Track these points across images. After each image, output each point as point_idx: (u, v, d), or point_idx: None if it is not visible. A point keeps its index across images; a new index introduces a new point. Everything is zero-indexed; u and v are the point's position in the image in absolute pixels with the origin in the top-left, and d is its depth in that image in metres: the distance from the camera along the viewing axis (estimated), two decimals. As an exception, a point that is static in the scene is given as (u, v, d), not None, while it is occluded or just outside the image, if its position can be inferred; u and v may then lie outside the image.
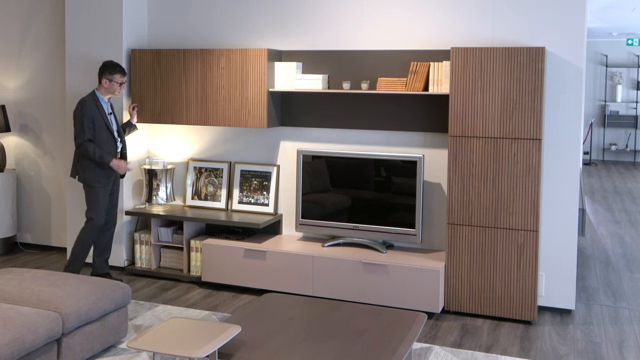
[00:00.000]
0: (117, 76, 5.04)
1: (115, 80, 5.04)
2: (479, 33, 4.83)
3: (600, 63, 14.82)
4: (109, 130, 5.02)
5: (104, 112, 5.02)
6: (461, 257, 4.69)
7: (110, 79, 5.02)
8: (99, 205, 5.03)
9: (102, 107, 5.02)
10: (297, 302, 3.98)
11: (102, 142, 4.99)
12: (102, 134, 4.99)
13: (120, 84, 5.07)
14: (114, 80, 5.04)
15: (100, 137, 4.98)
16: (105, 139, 5.01)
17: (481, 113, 4.58)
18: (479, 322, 4.64)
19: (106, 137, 5.01)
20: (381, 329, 3.52)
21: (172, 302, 4.98)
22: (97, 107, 4.98)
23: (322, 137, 5.34)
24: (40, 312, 3.52)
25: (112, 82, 5.03)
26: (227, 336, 3.18)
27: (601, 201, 9.77)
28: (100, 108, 5.00)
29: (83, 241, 5.05)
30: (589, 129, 14.33)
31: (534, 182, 4.50)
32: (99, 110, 4.98)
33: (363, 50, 5.13)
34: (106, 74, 5.03)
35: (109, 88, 5.05)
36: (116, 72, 5.04)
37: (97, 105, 4.99)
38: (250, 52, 5.18)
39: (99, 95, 5.04)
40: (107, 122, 5.01)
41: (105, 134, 5.01)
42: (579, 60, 4.64)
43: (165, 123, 5.52)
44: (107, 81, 5.02)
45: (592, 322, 4.70)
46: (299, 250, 5.04)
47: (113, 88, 5.06)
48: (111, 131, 5.04)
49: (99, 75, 5.05)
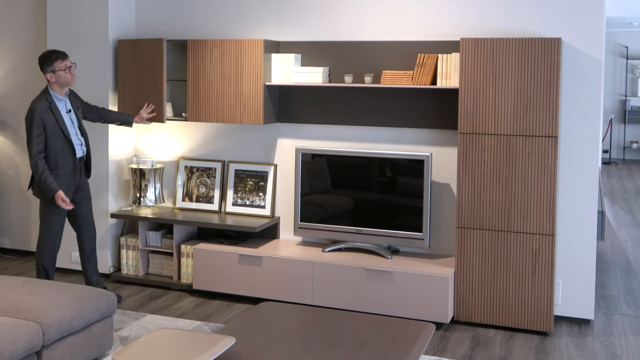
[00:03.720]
0: (57, 63, 4.66)
1: (58, 69, 4.66)
2: (491, 23, 4.83)
3: (620, 55, 14.82)
4: (64, 134, 4.69)
5: (59, 113, 4.69)
6: (472, 263, 4.68)
7: (53, 70, 4.66)
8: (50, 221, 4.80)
9: (57, 107, 4.69)
10: (295, 312, 3.97)
11: (56, 151, 4.67)
12: (55, 141, 4.66)
13: (66, 69, 4.68)
14: (57, 69, 4.66)
15: (55, 145, 4.66)
16: (60, 148, 4.68)
17: (493, 108, 4.57)
18: (491, 333, 4.64)
19: (61, 145, 4.68)
20: (386, 341, 3.52)
21: (160, 312, 4.97)
22: (51, 108, 4.65)
23: (323, 134, 5.34)
24: (19, 323, 3.51)
25: (56, 72, 4.68)
26: (220, 348, 3.17)
27: (622, 203, 9.77)
28: (55, 109, 4.67)
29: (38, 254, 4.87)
30: (608, 126, 14.33)
31: (550, 183, 4.49)
32: (52, 113, 4.65)
33: (366, 41, 5.13)
34: (46, 68, 4.67)
35: (58, 80, 4.70)
36: (54, 60, 4.67)
37: (51, 107, 4.66)
38: (246, 43, 5.18)
39: (53, 94, 4.71)
40: (63, 126, 4.68)
41: (60, 142, 4.68)
42: (598, 51, 4.64)
43: (154, 119, 5.51)
44: (52, 74, 4.69)
45: (612, 333, 4.69)
46: (298, 255, 5.04)
47: (62, 78, 4.69)
48: (67, 136, 4.71)
49: (43, 72, 4.72)
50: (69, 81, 4.76)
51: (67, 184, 4.78)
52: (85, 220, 5.00)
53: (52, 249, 4.90)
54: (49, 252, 4.88)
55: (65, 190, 4.75)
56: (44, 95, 4.73)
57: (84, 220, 4.99)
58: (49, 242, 4.87)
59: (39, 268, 4.89)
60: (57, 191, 4.65)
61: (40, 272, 4.89)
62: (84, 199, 4.97)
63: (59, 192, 4.66)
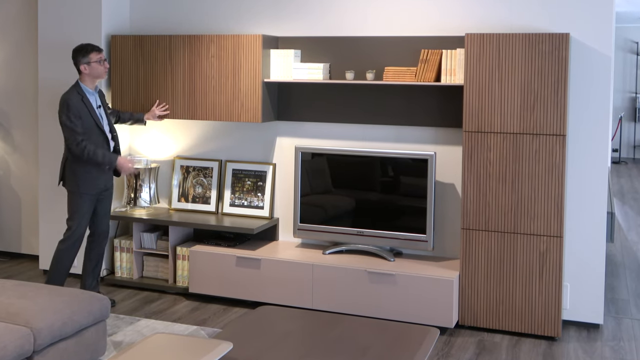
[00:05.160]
0: (92, 55, 4.87)
1: (93, 61, 4.87)
2: (496, 17, 4.82)
3: (630, 51, 14.82)
4: (98, 127, 4.84)
5: (91, 106, 4.86)
6: (477, 265, 4.68)
7: (88, 62, 4.86)
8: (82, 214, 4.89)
9: (89, 100, 4.86)
10: (294, 316, 3.97)
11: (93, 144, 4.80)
12: (91, 133, 4.81)
13: (100, 62, 4.90)
14: (92, 60, 4.87)
15: (90, 137, 4.79)
16: (95, 139, 4.85)
17: (499, 106, 4.57)
18: (497, 337, 4.63)
19: (96, 136, 4.83)
20: (388, 346, 3.51)
21: (155, 316, 4.97)
22: (83, 101, 4.82)
23: (323, 132, 5.33)
24: (9, 327, 3.50)
25: (90, 64, 4.86)
26: (217, 354, 3.16)
27: (632, 204, 9.77)
28: (87, 102, 4.83)
29: (58, 255, 4.91)
30: (618, 124, 14.34)
31: (558, 183, 4.49)
32: (85, 106, 4.82)
33: (368, 36, 5.12)
34: (81, 59, 4.88)
35: (91, 72, 4.88)
36: (89, 52, 4.87)
37: (83, 100, 4.80)
38: (244, 39, 5.18)
39: (84, 88, 4.86)
40: (96, 118, 4.86)
41: (95, 133, 4.83)
42: (607, 47, 4.63)
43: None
44: (86, 66, 4.87)
45: (622, 337, 4.69)
46: (297, 258, 5.03)
47: (96, 70, 4.89)
48: (101, 128, 4.86)
49: (76, 65, 4.92)
50: (101, 74, 4.93)
51: (103, 178, 4.93)
52: (103, 216, 5.06)
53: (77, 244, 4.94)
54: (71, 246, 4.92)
55: (98, 186, 4.90)
56: (75, 89, 4.87)
57: (101, 216, 5.05)
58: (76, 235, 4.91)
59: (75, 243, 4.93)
60: (117, 158, 4.87)
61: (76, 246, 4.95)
62: (108, 195, 5.06)
63: (119, 157, 4.89)
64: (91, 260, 5.08)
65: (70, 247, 4.92)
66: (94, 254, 5.08)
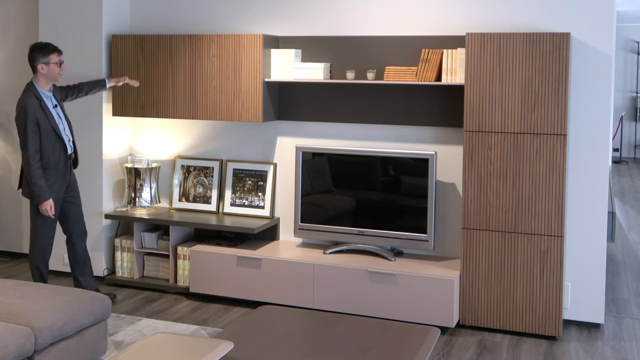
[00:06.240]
0: (53, 56, 4.71)
1: (53, 62, 4.70)
2: (497, 17, 4.82)
3: (631, 50, 14.81)
4: (55, 133, 4.72)
5: (49, 110, 4.70)
6: (478, 265, 4.68)
7: (47, 62, 4.71)
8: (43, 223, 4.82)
9: (46, 104, 4.70)
10: (295, 316, 3.97)
11: (48, 150, 4.69)
12: (48, 139, 4.68)
13: (59, 64, 4.74)
14: (51, 62, 4.70)
15: (47, 143, 4.68)
16: (52, 146, 4.70)
17: (500, 106, 4.57)
18: (498, 337, 4.63)
19: (53, 142, 4.71)
20: (389, 346, 3.51)
21: (156, 316, 4.97)
22: (41, 106, 4.67)
23: (324, 132, 5.33)
24: (10, 327, 3.51)
25: (49, 65, 4.71)
26: (217, 353, 3.17)
27: (633, 203, 9.76)
28: (45, 107, 4.68)
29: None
30: (619, 124, 14.33)
31: (559, 182, 4.49)
32: (43, 111, 4.66)
33: (369, 36, 5.13)
34: (40, 58, 4.71)
35: (48, 73, 4.73)
36: (51, 52, 4.72)
37: (41, 105, 4.67)
38: (244, 38, 5.18)
39: (39, 89, 4.71)
40: (54, 124, 4.71)
41: (52, 139, 4.70)
42: (608, 47, 4.63)
43: (149, 117, 5.51)
44: (44, 65, 4.70)
45: (623, 337, 4.69)
46: (298, 257, 5.03)
47: (53, 72, 4.72)
48: (59, 134, 4.73)
49: (32, 63, 4.73)
50: (56, 77, 4.79)
51: (59, 182, 4.81)
52: (76, 219, 5.01)
53: (44, 250, 4.89)
54: (40, 253, 4.88)
55: (58, 191, 4.79)
56: (32, 92, 4.72)
57: (75, 219, 5.01)
58: (41, 243, 4.87)
59: (33, 270, 4.89)
60: (47, 200, 4.68)
61: (35, 274, 4.89)
62: (75, 197, 4.99)
63: (49, 200, 4.69)
64: (79, 262, 5.06)
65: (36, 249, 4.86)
66: (79, 255, 5.05)
